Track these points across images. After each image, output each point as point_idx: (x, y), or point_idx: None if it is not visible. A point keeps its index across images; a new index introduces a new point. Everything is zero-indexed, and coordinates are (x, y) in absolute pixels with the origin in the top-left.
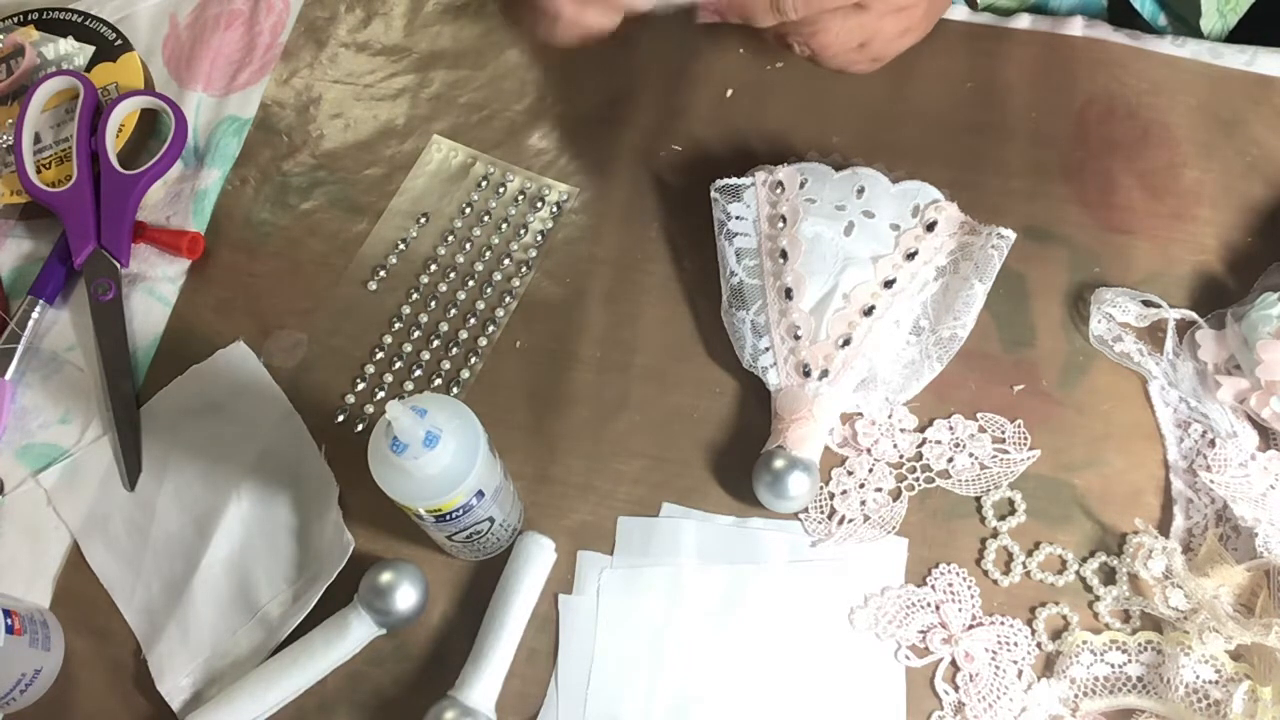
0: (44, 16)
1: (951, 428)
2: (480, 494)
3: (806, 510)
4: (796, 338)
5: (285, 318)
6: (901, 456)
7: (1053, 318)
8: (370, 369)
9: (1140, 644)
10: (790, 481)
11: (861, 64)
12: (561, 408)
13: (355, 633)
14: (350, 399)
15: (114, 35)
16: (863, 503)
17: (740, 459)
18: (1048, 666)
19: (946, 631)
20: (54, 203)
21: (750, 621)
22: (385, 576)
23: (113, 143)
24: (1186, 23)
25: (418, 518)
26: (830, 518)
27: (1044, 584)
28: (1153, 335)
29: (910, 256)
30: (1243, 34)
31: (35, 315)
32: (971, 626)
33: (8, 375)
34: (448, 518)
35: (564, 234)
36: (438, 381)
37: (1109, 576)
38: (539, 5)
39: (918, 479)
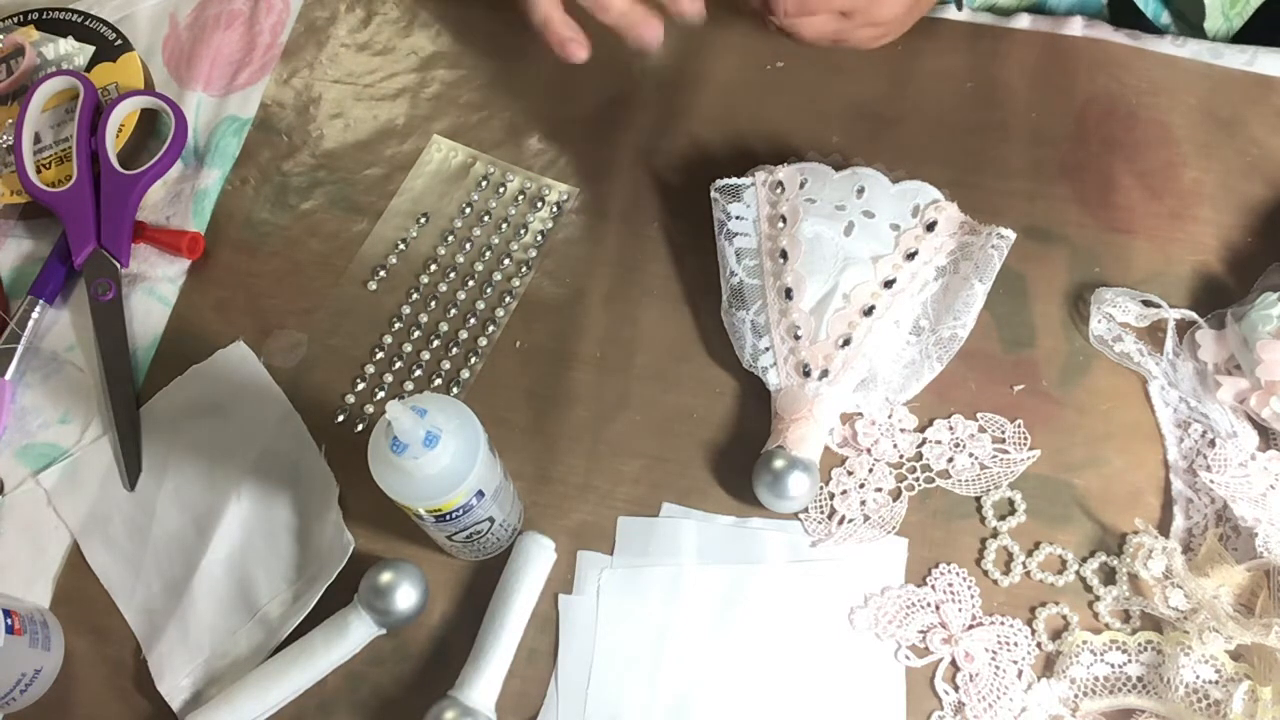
0: (44, 16)
1: (951, 428)
2: (480, 494)
3: (806, 510)
4: (796, 338)
5: (285, 318)
6: (901, 456)
7: (1053, 318)
8: (370, 369)
9: (1140, 644)
10: (790, 481)
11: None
12: (561, 408)
13: (355, 633)
14: (350, 399)
15: (114, 35)
16: (863, 503)
17: (740, 459)
18: (1048, 666)
19: (946, 631)
20: (54, 203)
21: (750, 621)
22: (385, 576)
23: (113, 143)
24: (1189, 21)
25: (418, 518)
26: (830, 518)
27: (1044, 584)
28: (1153, 335)
29: (910, 256)
30: (1245, 34)
31: (35, 315)
32: (971, 626)
33: (8, 375)
34: (448, 518)
35: (564, 234)
36: (438, 381)
37: (1109, 576)
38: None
39: (918, 479)
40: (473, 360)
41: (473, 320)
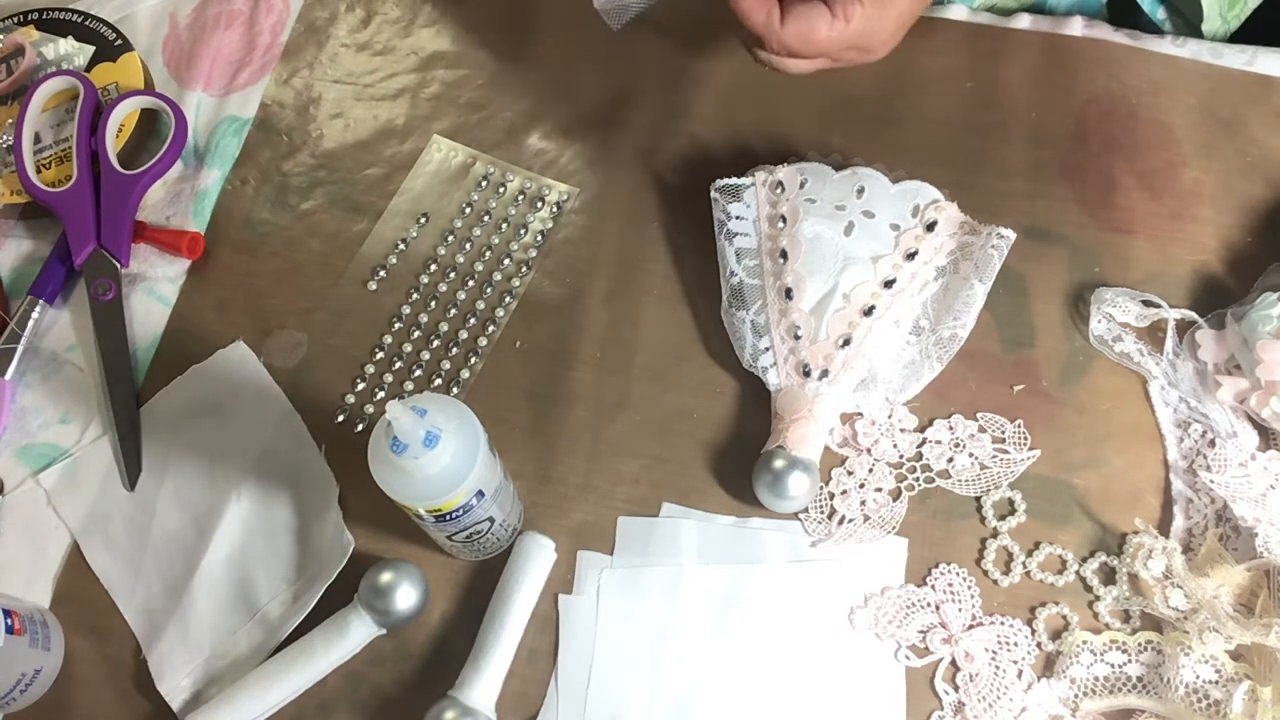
0: (44, 16)
1: (951, 428)
2: (480, 494)
3: (806, 510)
4: (796, 338)
5: (285, 318)
6: (901, 456)
7: (1053, 318)
8: (370, 369)
9: (1140, 644)
10: (790, 481)
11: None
12: (561, 408)
13: (355, 633)
14: (350, 399)
15: (114, 35)
16: (863, 503)
17: (740, 459)
18: (1048, 666)
19: (946, 631)
20: (54, 203)
21: (750, 621)
22: (385, 576)
23: (113, 143)
24: (1185, 19)
25: (418, 518)
26: (830, 518)
27: (1044, 584)
28: (1153, 335)
29: (910, 256)
30: (1244, 34)
31: (35, 315)
32: (971, 626)
33: (8, 375)
34: (448, 518)
35: (564, 234)
36: (438, 381)
37: (1109, 576)
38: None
39: (918, 479)
40: (473, 360)
41: (473, 320)
